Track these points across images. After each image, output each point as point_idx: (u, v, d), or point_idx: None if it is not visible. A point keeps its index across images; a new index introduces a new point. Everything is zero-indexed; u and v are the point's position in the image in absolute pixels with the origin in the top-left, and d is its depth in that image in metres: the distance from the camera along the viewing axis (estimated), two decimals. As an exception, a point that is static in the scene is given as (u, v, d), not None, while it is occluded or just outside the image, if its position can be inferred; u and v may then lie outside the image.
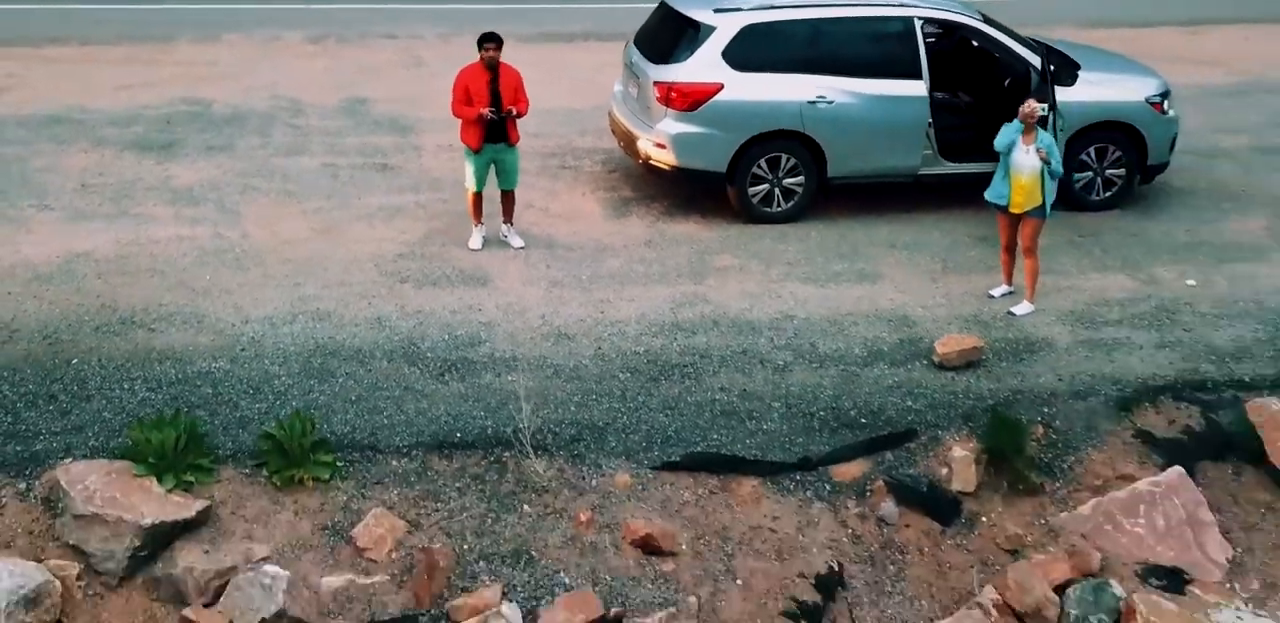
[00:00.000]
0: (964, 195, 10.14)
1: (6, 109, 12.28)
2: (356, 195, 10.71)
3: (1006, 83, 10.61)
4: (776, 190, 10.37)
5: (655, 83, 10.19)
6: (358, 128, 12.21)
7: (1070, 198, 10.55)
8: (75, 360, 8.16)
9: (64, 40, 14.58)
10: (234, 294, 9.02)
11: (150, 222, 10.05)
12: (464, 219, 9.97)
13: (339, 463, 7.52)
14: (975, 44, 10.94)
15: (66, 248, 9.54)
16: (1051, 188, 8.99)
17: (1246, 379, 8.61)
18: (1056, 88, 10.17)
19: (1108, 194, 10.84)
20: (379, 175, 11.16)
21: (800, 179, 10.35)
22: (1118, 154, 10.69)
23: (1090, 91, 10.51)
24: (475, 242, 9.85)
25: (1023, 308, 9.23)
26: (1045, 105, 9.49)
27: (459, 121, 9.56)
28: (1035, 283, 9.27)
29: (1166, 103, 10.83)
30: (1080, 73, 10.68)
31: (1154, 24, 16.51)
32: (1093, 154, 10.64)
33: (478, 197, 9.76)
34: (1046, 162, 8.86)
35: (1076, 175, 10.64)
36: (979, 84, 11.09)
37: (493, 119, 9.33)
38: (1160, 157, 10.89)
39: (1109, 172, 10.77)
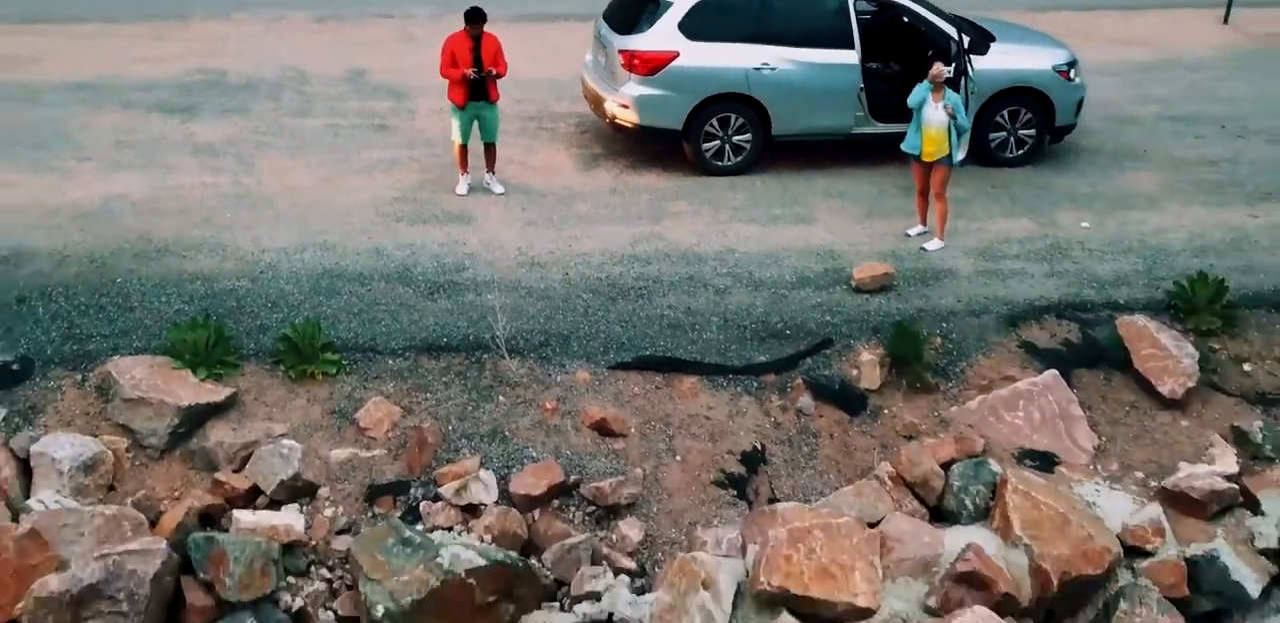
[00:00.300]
0: (892, 152, 11.47)
1: (41, 77, 13.67)
2: (356, 151, 12.12)
3: (930, 53, 12.02)
4: (727, 146, 11.79)
5: (620, 51, 11.59)
6: (357, 94, 13.63)
7: (986, 155, 12.04)
8: (119, 280, 9.56)
9: (85, 18, 15.97)
10: (252, 229, 10.43)
11: (177, 171, 11.46)
12: (451, 169, 11.38)
13: (343, 362, 8.93)
14: (905, 20, 12.36)
15: (105, 191, 10.95)
16: (957, 140, 10.40)
17: (1121, 302, 10.03)
18: (971, 56, 11.58)
19: (1020, 152, 12.27)
20: (376, 134, 12.57)
21: (748, 136, 11.77)
22: (1028, 116, 12.12)
23: (1002, 60, 11.93)
24: (461, 188, 11.27)
25: (934, 244, 10.66)
26: (951, 68, 10.87)
27: (446, 83, 10.97)
28: (945, 223, 10.70)
29: (1073, 71, 12.24)
30: (994, 44, 12.10)
31: (1094, 8, 17.93)
32: (1006, 116, 12.07)
33: (463, 148, 11.17)
34: (953, 116, 10.27)
35: (992, 134, 12.08)
36: (907, 54, 12.48)
37: (475, 79, 10.74)
38: (1067, 119, 12.32)
39: (1021, 132, 12.19)
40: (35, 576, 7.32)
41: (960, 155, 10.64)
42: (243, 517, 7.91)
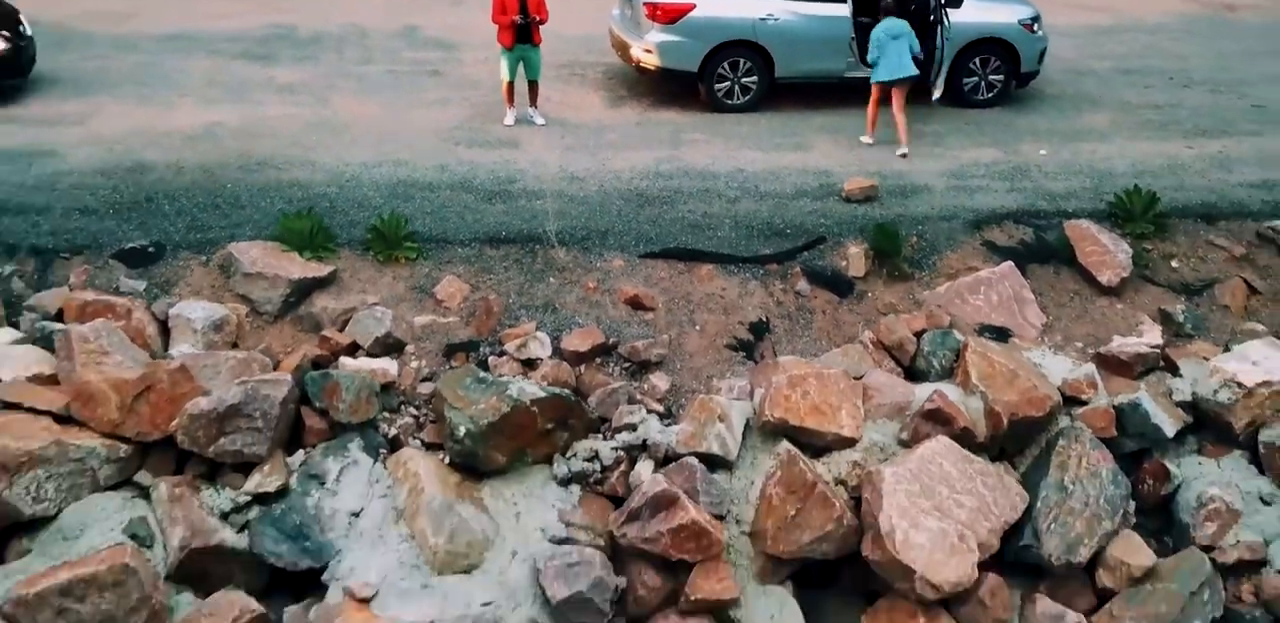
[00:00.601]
0: (879, 93, 13.32)
1: (136, 30, 15.52)
2: (415, 92, 13.92)
3: (912, 7, 13.82)
4: (736, 87, 13.61)
5: (645, 3, 13.40)
6: (411, 47, 15.48)
7: (960, 97, 13.86)
8: (229, 186, 11.36)
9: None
10: (334, 150, 12.22)
11: (263, 105, 13.26)
12: (499, 105, 13.19)
13: (421, 249, 10.72)
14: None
15: (206, 120, 12.75)
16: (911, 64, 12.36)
17: (1069, 211, 11.81)
18: (948, 10, 13.39)
19: (990, 95, 14.09)
20: (431, 79, 14.39)
21: (754, 78, 13.59)
22: (997, 64, 13.94)
23: (975, 14, 13.74)
24: (509, 120, 13.08)
25: (902, 148, 12.56)
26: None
27: (496, 29, 12.77)
28: (907, 131, 12.58)
29: (1036, 25, 14.04)
30: (968, 1, 13.90)
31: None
32: (978, 63, 13.88)
33: (510, 85, 12.97)
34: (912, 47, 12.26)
35: (965, 79, 13.90)
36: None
37: (521, 24, 12.55)
38: (1031, 66, 14.14)
39: (991, 77, 14.01)
40: (184, 401, 9.09)
41: (937, 94, 12.49)
42: (347, 362, 9.71)
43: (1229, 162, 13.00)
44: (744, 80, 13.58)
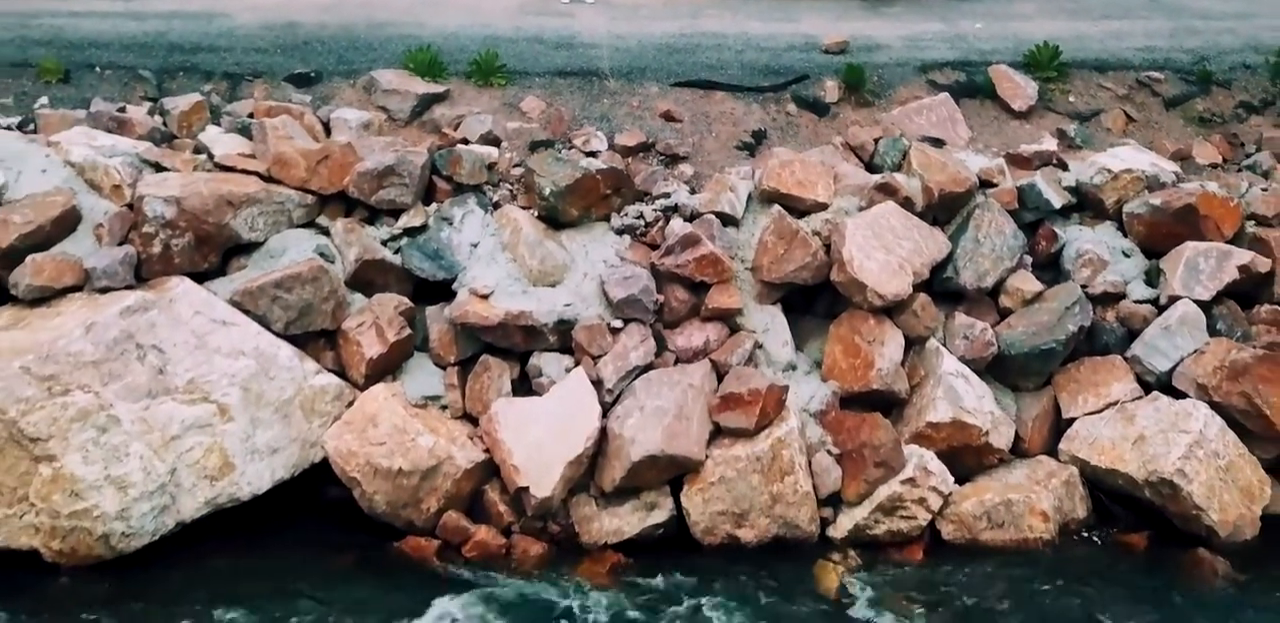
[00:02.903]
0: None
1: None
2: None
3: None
4: (741, -23, 16.85)
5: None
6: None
7: (916, -13, 17.09)
8: (362, 36, 14.61)
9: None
10: (436, 17, 15.42)
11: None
12: (558, -11, 16.48)
13: (509, 78, 13.97)
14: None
15: (334, -3, 16.01)
16: None
17: (993, 61, 15.03)
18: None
19: (940, -14, 17.33)
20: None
21: (755, -29, 16.81)
22: (946, -39, 17.16)
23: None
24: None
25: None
26: None
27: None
28: None
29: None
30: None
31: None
32: (930, -39, 17.11)
33: (567, -27, 16.23)
34: None
35: (921, -27, 17.12)
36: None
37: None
38: (972, -36, 17.35)
39: (941, -28, 17.23)
40: (352, 167, 12.32)
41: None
42: (461, 147, 12.96)
43: (1121, 35, 16.21)
44: (747, -28, 16.80)
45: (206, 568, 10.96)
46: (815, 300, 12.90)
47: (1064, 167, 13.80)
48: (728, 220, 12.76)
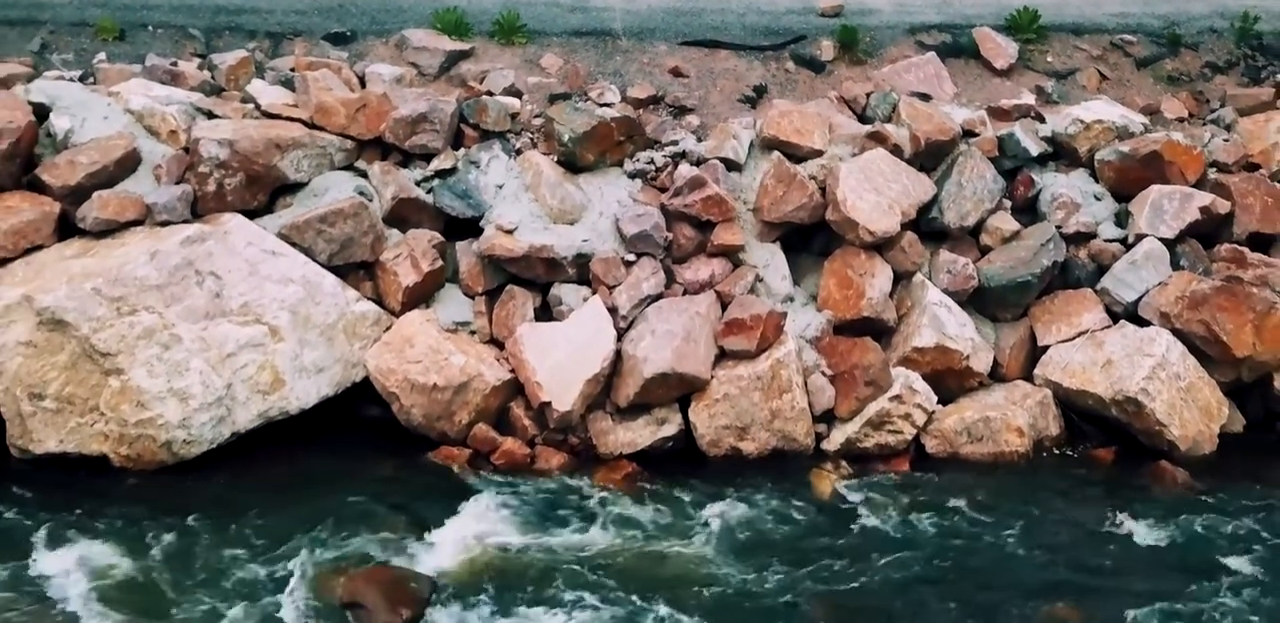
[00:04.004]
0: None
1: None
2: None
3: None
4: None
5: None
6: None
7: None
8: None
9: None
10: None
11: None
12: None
13: (529, 36, 14.82)
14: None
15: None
16: None
17: (977, 23, 15.89)
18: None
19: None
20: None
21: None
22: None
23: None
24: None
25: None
26: None
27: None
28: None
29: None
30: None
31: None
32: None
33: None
34: None
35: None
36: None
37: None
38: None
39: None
40: (387, 115, 13.18)
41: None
42: (487, 97, 13.80)
43: (1098, 1, 17.04)
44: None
45: (258, 474, 11.82)
46: (811, 240, 13.76)
47: (1041, 119, 14.65)
48: (731, 166, 13.62)
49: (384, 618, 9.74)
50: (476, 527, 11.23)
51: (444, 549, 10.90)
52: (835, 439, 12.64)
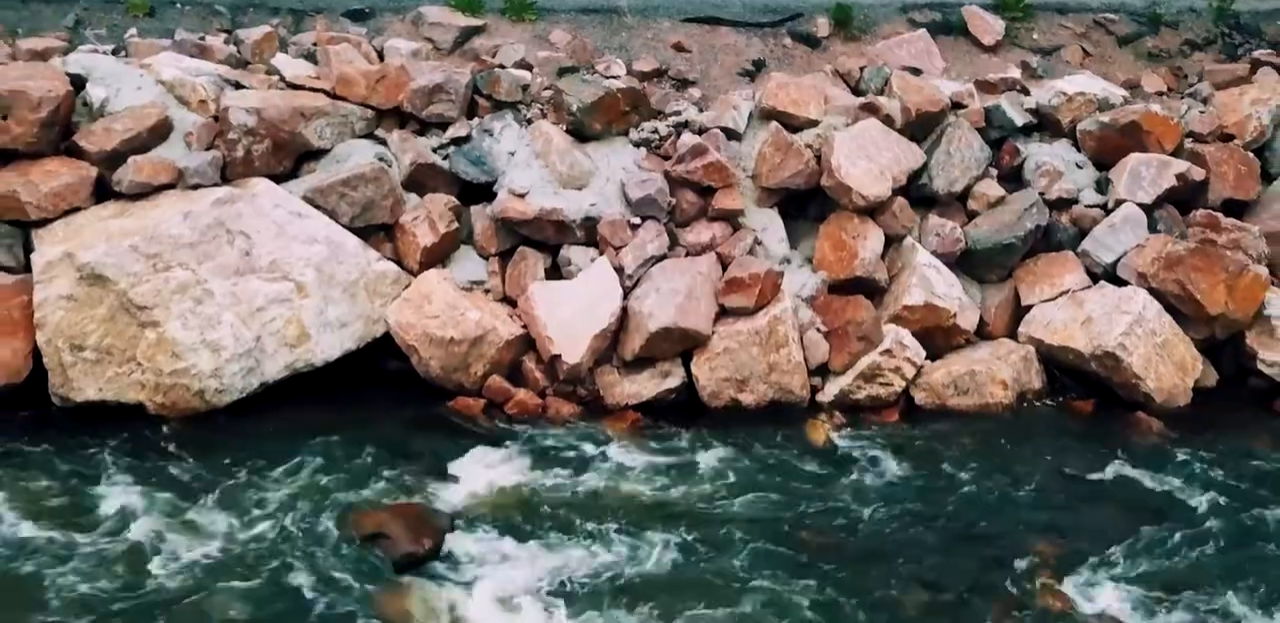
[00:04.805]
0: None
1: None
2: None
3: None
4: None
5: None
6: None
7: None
8: (408, -21, 16.04)
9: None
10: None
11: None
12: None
13: (539, 13, 15.36)
14: None
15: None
16: None
17: (966, 2, 16.40)
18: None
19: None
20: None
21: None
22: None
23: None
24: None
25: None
26: None
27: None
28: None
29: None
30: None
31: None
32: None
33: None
34: None
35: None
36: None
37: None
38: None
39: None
40: (406, 85, 13.72)
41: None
42: (499, 70, 14.34)
43: (1083, -19, 17.60)
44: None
45: (285, 422, 12.36)
46: (807, 206, 14.29)
47: (1026, 92, 15.19)
48: (731, 135, 14.16)
49: (407, 547, 10.27)
50: (491, 469, 11.79)
51: (461, 488, 11.45)
52: (829, 391, 13.19)
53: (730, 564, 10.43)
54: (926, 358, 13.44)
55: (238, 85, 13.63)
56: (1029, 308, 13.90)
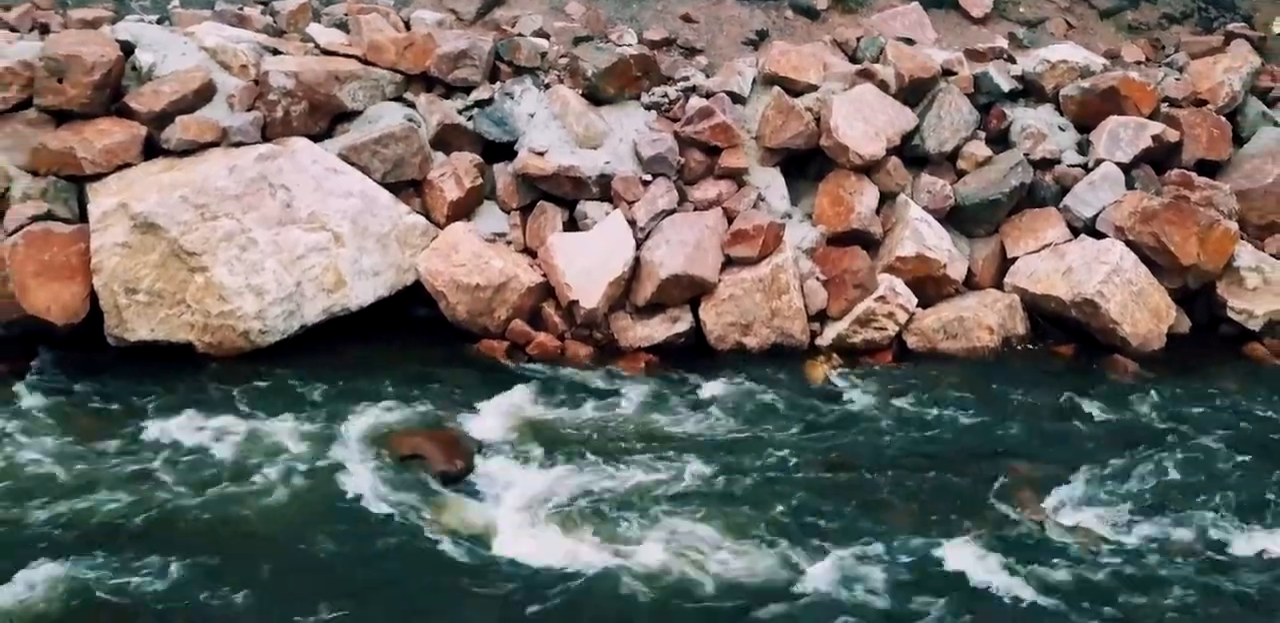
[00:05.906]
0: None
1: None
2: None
3: None
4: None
5: None
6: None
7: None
8: (431, -45, 16.73)
9: None
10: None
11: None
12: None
13: (555, -12, 16.12)
14: None
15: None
16: None
17: (957, -21, 17.17)
18: None
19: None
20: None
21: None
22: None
23: None
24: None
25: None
26: None
27: None
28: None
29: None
30: None
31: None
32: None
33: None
34: None
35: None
36: None
37: None
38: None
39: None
40: (432, 51, 14.43)
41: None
42: (519, 38, 15.05)
43: (1068, -40, 18.30)
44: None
45: (322, 362, 13.09)
46: (807, 166, 15.02)
47: (1012, 60, 15.91)
48: (736, 98, 14.88)
49: (442, 466, 11.03)
50: (515, 403, 12.53)
51: (488, 419, 12.19)
52: (827, 335, 13.93)
53: (739, 481, 11.19)
54: (918, 306, 14.18)
55: (275, 52, 14.36)
56: (1014, 260, 14.63)
